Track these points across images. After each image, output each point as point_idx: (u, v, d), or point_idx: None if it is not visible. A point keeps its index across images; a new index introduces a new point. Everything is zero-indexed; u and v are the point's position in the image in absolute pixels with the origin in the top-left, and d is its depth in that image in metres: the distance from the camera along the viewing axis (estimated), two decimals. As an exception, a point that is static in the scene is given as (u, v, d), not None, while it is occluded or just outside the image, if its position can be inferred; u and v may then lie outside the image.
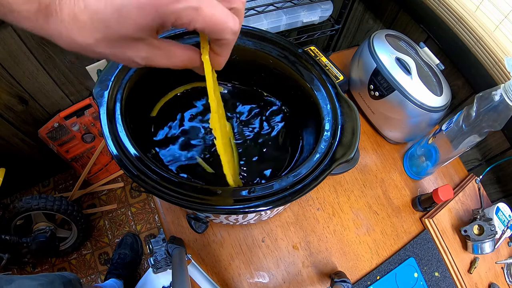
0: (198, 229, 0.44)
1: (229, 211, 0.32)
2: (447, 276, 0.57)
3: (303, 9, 0.73)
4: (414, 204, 0.62)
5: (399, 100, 0.56)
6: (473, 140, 0.50)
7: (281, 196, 0.32)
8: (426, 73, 0.58)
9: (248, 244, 0.52)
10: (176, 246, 0.44)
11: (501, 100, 0.44)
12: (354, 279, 0.54)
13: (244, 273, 0.50)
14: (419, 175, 0.65)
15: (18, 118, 0.97)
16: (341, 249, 0.55)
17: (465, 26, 0.59)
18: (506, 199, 0.68)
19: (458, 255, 0.58)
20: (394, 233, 0.59)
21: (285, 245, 0.53)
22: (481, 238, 0.55)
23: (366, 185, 0.62)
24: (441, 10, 0.63)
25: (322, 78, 0.43)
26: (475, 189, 0.66)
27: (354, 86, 0.68)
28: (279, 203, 0.32)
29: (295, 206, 0.57)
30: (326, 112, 0.40)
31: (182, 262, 0.41)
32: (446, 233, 0.59)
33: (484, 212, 0.59)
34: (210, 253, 0.50)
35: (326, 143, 0.37)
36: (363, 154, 0.66)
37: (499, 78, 0.56)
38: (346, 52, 0.79)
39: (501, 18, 0.56)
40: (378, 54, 0.58)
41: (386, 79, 0.57)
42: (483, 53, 0.58)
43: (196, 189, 0.32)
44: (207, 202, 0.31)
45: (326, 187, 0.60)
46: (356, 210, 0.59)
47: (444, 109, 0.56)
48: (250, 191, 0.33)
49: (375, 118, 0.66)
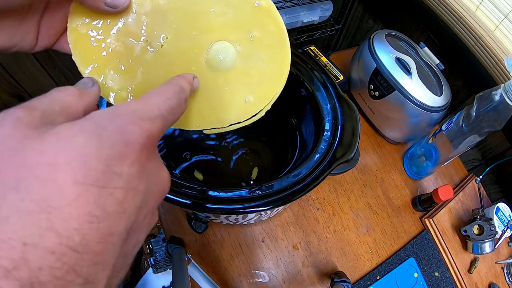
0: (198, 229, 0.44)
1: (229, 211, 0.32)
2: (447, 276, 0.57)
3: (303, 9, 0.73)
4: (414, 204, 0.62)
5: (399, 100, 0.56)
6: (473, 140, 0.50)
7: (281, 196, 0.32)
8: (426, 73, 0.58)
9: (248, 244, 0.52)
10: (176, 246, 0.44)
11: (501, 100, 0.44)
12: (354, 279, 0.54)
13: (244, 273, 0.50)
14: (419, 175, 0.65)
15: (18, 118, 0.97)
16: (341, 249, 0.55)
17: (465, 26, 0.59)
18: (506, 199, 0.68)
19: (458, 255, 0.58)
20: (394, 233, 0.59)
21: (285, 245, 0.53)
22: (481, 238, 0.55)
23: (366, 185, 0.62)
24: (441, 10, 0.63)
25: (322, 78, 0.43)
26: (475, 189, 0.66)
27: (354, 86, 0.68)
28: (279, 203, 0.32)
29: (295, 206, 0.57)
30: (326, 112, 0.40)
31: (182, 262, 0.41)
32: (446, 233, 0.59)
33: (484, 212, 0.59)
34: (210, 253, 0.50)
35: (326, 143, 0.37)
36: (363, 154, 0.66)
37: (499, 78, 0.56)
38: (346, 52, 0.79)
39: (501, 18, 0.56)
40: (378, 54, 0.58)
41: (386, 79, 0.57)
42: (483, 53, 0.58)
43: (196, 189, 0.32)
44: (207, 202, 0.31)
45: (326, 187, 0.60)
46: (356, 210, 0.59)
47: (444, 109, 0.56)
48: (250, 191, 0.33)
49: (375, 118, 0.66)
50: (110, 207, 0.13)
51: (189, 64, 0.25)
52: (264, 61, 0.26)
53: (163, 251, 0.47)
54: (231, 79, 0.26)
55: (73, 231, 0.12)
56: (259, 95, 0.27)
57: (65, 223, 0.12)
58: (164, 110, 0.17)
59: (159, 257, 0.47)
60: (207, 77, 0.25)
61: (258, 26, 0.25)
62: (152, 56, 0.24)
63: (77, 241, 0.12)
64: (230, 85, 0.26)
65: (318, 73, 0.43)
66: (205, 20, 0.24)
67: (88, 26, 0.22)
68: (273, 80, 0.27)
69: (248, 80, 0.26)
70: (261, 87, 0.26)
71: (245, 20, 0.25)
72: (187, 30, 0.24)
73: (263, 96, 0.27)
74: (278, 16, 0.26)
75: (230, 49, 0.25)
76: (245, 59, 0.26)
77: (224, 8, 0.24)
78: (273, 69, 0.26)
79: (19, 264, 0.11)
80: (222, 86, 0.26)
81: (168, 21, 0.24)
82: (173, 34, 0.24)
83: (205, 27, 0.24)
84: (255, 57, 0.26)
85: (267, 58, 0.26)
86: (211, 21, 0.25)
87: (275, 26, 0.26)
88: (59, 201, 0.12)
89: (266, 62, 0.26)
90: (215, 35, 0.25)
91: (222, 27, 0.25)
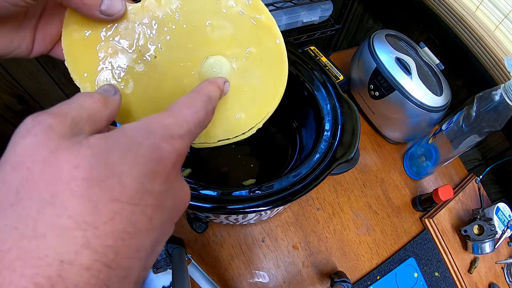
0: (198, 229, 0.44)
1: (229, 211, 0.32)
2: (447, 276, 0.57)
3: (303, 9, 0.73)
4: (414, 204, 0.62)
5: (399, 100, 0.56)
6: (473, 140, 0.50)
7: (281, 196, 0.32)
8: (426, 73, 0.58)
9: (248, 244, 0.52)
10: (176, 246, 0.44)
11: (501, 100, 0.44)
12: (354, 279, 0.54)
13: (244, 273, 0.50)
14: (419, 175, 0.65)
15: (18, 118, 0.97)
16: (341, 249, 0.55)
17: (465, 26, 0.59)
18: (506, 199, 0.68)
19: (458, 255, 0.58)
20: (394, 233, 0.59)
21: (285, 245, 0.53)
22: (481, 238, 0.55)
23: (366, 185, 0.62)
24: (441, 10, 0.63)
25: (322, 78, 0.43)
26: (475, 189, 0.66)
27: (354, 86, 0.68)
28: (279, 203, 0.32)
29: (295, 206, 0.57)
30: (326, 112, 0.40)
31: (182, 262, 0.41)
32: (446, 233, 0.59)
33: (484, 212, 0.59)
34: (210, 253, 0.50)
35: (326, 143, 0.37)
36: (363, 154, 0.66)
37: (499, 78, 0.56)
38: (346, 52, 0.79)
39: (501, 18, 0.56)
40: (378, 54, 0.58)
41: (386, 79, 0.57)
42: (483, 53, 0.58)
43: (196, 189, 0.32)
44: (206, 202, 0.31)
45: (326, 187, 0.60)
46: (356, 210, 0.59)
47: (444, 109, 0.56)
48: (250, 191, 0.33)
49: (375, 118, 0.66)
50: (141, 224, 0.13)
51: (182, 77, 0.24)
52: (259, 78, 0.25)
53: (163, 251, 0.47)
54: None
55: (108, 248, 0.12)
56: (251, 113, 0.26)
57: (100, 240, 0.12)
58: (192, 125, 0.17)
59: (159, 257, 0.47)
60: None
61: (257, 42, 0.25)
62: (145, 67, 0.23)
63: (111, 258, 0.12)
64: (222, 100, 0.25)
65: (318, 73, 0.43)
66: (201, 33, 0.24)
67: (82, 33, 0.22)
68: (267, 98, 0.26)
69: (241, 97, 0.25)
70: (254, 104, 0.26)
71: (243, 35, 0.24)
72: (182, 42, 0.24)
73: (255, 114, 0.26)
74: (278, 33, 0.25)
75: (224, 64, 0.24)
76: (239, 75, 0.25)
77: (222, 21, 0.24)
78: (268, 87, 0.26)
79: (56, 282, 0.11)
80: None
81: (163, 32, 0.23)
82: (167, 45, 0.23)
83: (201, 40, 0.24)
84: (250, 74, 0.25)
85: (262, 75, 0.25)
86: (208, 34, 0.24)
87: (275, 43, 0.25)
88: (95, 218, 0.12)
89: (261, 80, 0.25)
90: (211, 49, 0.24)
91: (219, 41, 0.24)
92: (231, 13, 0.24)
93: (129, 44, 0.23)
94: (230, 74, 0.25)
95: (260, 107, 0.26)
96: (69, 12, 0.22)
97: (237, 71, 0.25)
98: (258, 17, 0.24)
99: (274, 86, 0.26)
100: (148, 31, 0.23)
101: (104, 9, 0.20)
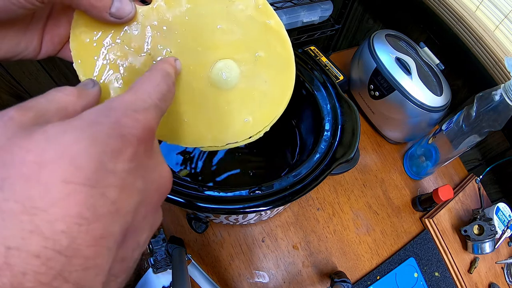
0: (198, 229, 0.44)
1: (229, 211, 0.32)
2: (447, 276, 0.57)
3: (303, 9, 0.73)
4: (414, 204, 0.62)
5: (399, 100, 0.56)
6: (473, 140, 0.50)
7: (281, 196, 0.32)
8: (426, 73, 0.58)
9: (248, 244, 0.52)
10: (176, 246, 0.44)
11: (501, 100, 0.44)
12: (354, 279, 0.54)
13: (244, 273, 0.50)
14: (419, 175, 0.65)
15: (18, 118, 0.97)
16: (341, 249, 0.55)
17: (465, 26, 0.59)
18: (506, 199, 0.68)
19: (458, 255, 0.58)
20: (394, 233, 0.59)
21: (285, 245, 0.53)
22: (481, 238, 0.55)
23: (366, 185, 0.62)
24: (441, 10, 0.63)
25: (322, 78, 0.43)
26: (475, 189, 0.66)
27: (354, 86, 0.68)
28: (279, 203, 0.32)
29: (295, 206, 0.57)
30: (326, 112, 0.40)
31: (182, 262, 0.41)
32: (446, 233, 0.59)
33: (484, 212, 0.59)
34: (210, 253, 0.50)
35: (326, 143, 0.37)
36: (363, 154, 0.66)
37: (499, 78, 0.56)
38: (346, 52, 0.79)
39: (501, 18, 0.56)
40: (378, 54, 0.58)
41: (386, 79, 0.57)
42: (483, 53, 0.58)
43: (196, 189, 0.32)
44: (206, 202, 0.31)
45: (326, 187, 0.60)
46: (356, 210, 0.59)
47: (444, 109, 0.56)
48: (250, 191, 0.33)
49: (375, 118, 0.66)
50: (101, 207, 0.12)
51: (191, 80, 0.24)
52: (267, 82, 0.25)
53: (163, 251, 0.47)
54: (232, 98, 0.25)
55: (60, 234, 0.11)
56: (259, 117, 0.26)
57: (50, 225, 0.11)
58: (156, 98, 0.17)
59: (159, 257, 0.47)
60: (208, 95, 0.25)
61: (265, 46, 0.25)
62: None
63: (64, 245, 0.11)
64: (230, 104, 0.25)
65: (318, 73, 0.43)
66: (211, 37, 0.24)
67: (91, 35, 0.22)
68: (275, 102, 0.26)
69: (249, 101, 0.25)
70: (262, 108, 0.26)
71: (252, 39, 0.24)
72: (192, 45, 0.24)
73: (263, 118, 0.26)
74: (286, 37, 0.25)
75: (234, 69, 0.24)
76: (248, 79, 0.25)
77: (231, 25, 0.24)
78: (275, 91, 0.26)
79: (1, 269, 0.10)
80: (222, 105, 0.25)
81: (173, 35, 0.23)
82: (177, 48, 0.23)
83: (211, 43, 0.24)
84: (259, 78, 0.25)
85: (270, 79, 0.25)
86: (217, 38, 0.24)
87: (283, 48, 0.25)
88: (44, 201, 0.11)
89: (269, 84, 0.26)
90: (220, 53, 0.24)
91: (228, 45, 0.24)
92: (241, 17, 0.24)
93: (138, 47, 0.23)
94: (239, 78, 0.25)
95: (268, 111, 0.26)
96: (77, 14, 0.21)
97: (246, 75, 0.25)
98: (267, 22, 0.24)
99: (282, 90, 0.26)
100: (158, 34, 0.23)
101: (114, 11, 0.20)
